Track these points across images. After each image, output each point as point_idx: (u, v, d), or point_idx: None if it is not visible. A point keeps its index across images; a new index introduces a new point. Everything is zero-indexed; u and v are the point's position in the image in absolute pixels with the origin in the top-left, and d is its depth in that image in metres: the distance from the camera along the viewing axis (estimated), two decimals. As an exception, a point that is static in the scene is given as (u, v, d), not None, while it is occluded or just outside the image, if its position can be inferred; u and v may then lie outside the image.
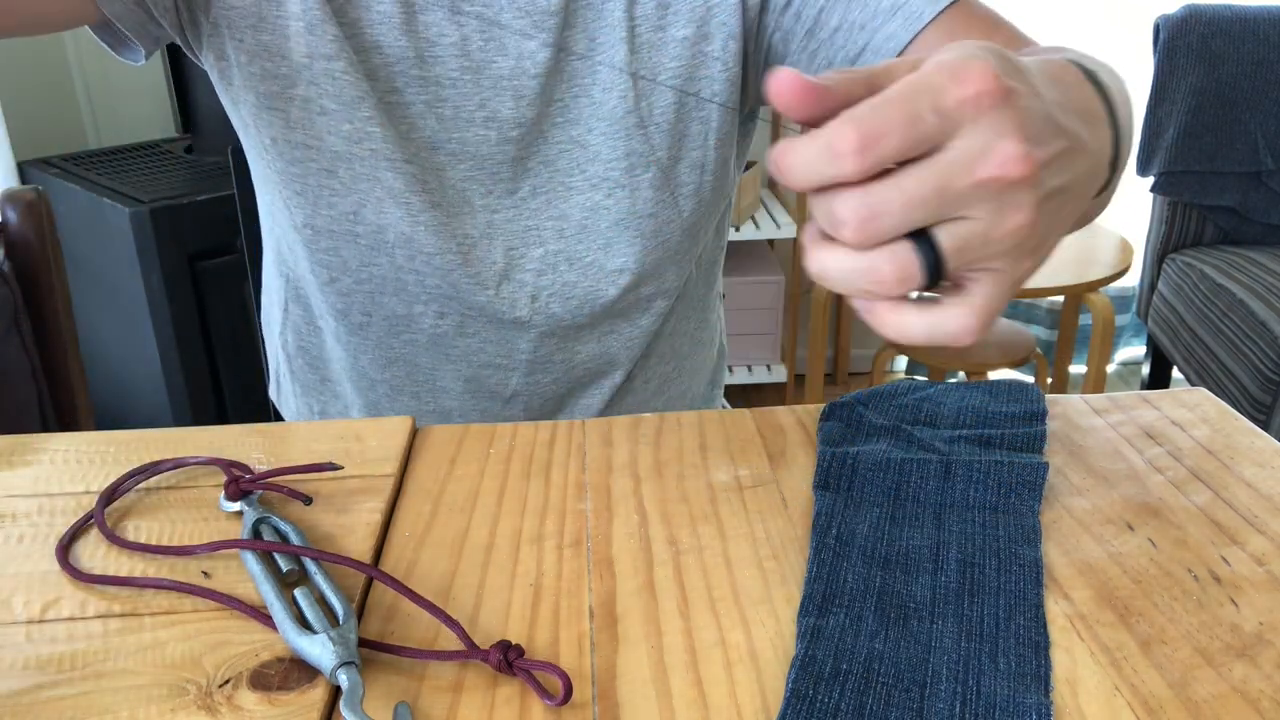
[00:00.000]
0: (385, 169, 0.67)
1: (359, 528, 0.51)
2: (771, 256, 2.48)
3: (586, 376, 0.77)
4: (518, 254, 0.70)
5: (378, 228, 0.69)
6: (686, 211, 0.72)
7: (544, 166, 0.69)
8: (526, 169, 0.69)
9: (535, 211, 0.70)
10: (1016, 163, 0.32)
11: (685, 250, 0.74)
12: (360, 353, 0.76)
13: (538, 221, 0.70)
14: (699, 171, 0.71)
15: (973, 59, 0.33)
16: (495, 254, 0.70)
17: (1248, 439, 0.59)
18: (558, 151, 0.69)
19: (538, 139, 0.68)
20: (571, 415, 0.79)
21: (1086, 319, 2.55)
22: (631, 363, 0.78)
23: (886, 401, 0.61)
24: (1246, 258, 2.07)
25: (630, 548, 0.49)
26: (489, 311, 0.72)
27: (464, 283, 0.71)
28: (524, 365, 0.75)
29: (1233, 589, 0.46)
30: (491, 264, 0.70)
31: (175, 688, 0.40)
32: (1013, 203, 0.33)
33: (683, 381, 0.85)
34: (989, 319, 0.35)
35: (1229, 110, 2.09)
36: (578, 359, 0.76)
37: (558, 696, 0.39)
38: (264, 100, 0.66)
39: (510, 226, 0.70)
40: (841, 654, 0.41)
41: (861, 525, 0.50)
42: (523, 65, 0.66)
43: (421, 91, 0.66)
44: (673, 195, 0.71)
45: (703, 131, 0.70)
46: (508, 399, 0.77)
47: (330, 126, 0.66)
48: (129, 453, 0.58)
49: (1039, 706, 0.38)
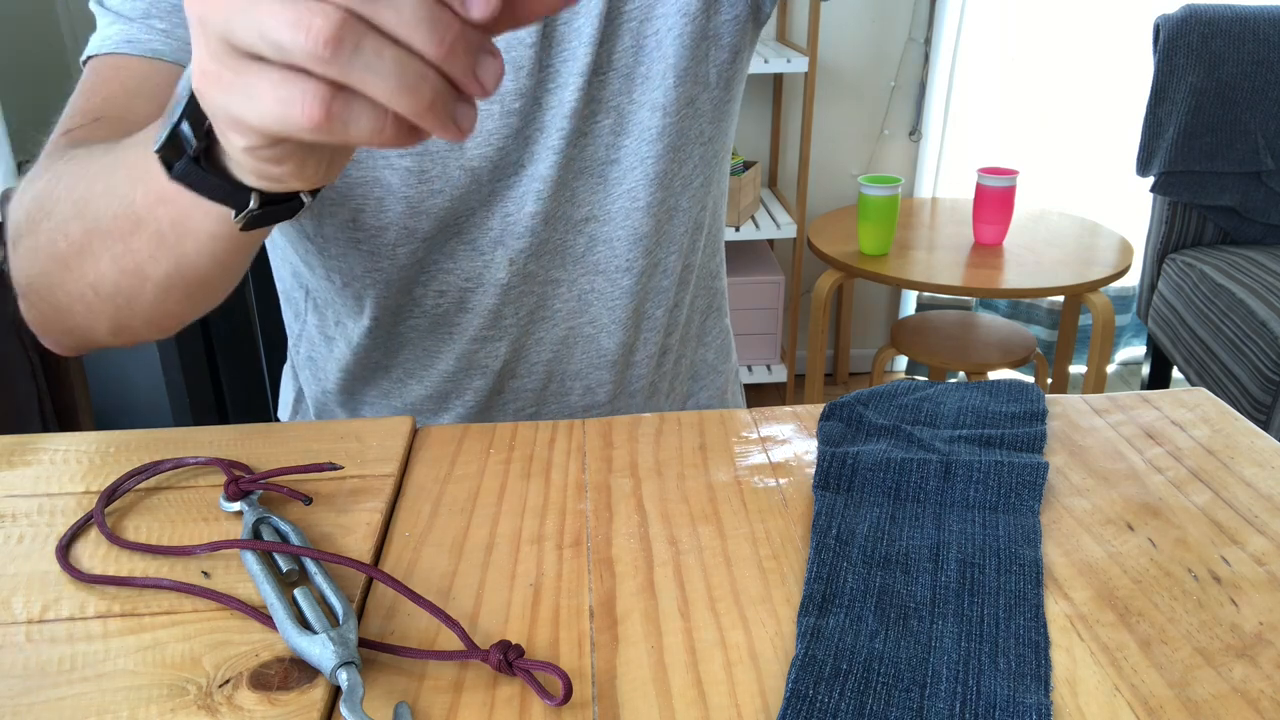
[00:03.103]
0: (384, 166, 0.67)
1: (359, 528, 0.51)
2: (771, 256, 2.48)
3: (572, 338, 0.77)
4: (511, 219, 0.71)
5: (379, 228, 0.69)
6: (654, 157, 0.72)
7: (539, 133, 0.69)
8: (525, 138, 0.69)
9: (531, 178, 0.70)
10: None
11: (659, 199, 0.74)
12: (372, 350, 0.77)
13: (529, 186, 0.71)
14: (660, 113, 0.71)
15: None
16: (493, 221, 0.71)
17: (1248, 439, 0.59)
18: (550, 117, 0.69)
19: (534, 106, 0.69)
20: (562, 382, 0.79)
21: (1086, 319, 2.55)
22: (622, 330, 0.77)
23: (886, 401, 0.61)
24: (1246, 258, 2.07)
25: (630, 548, 0.49)
26: (482, 277, 0.73)
27: (461, 250, 0.72)
28: (511, 329, 0.75)
29: (1233, 589, 0.46)
30: (488, 230, 0.71)
31: (175, 688, 0.40)
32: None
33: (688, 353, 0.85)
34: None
35: (1229, 110, 2.09)
36: (559, 316, 0.76)
37: (558, 696, 0.39)
38: None
39: (509, 193, 0.71)
40: (841, 654, 0.41)
41: (861, 525, 0.50)
42: (518, 35, 0.66)
43: None
44: (636, 140, 0.71)
45: (661, 70, 0.70)
46: (499, 372, 0.77)
47: None
48: (129, 453, 0.58)
49: (1039, 706, 0.38)
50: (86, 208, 0.53)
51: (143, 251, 0.51)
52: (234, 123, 0.37)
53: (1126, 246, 2.13)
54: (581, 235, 0.73)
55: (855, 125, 2.53)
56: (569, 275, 0.75)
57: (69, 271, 0.55)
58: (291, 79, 0.34)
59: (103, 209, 0.52)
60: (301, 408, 0.88)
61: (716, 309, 0.89)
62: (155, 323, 0.57)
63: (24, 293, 0.60)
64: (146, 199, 0.49)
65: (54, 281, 0.56)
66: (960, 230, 2.26)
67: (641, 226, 0.74)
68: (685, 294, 0.82)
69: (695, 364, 0.88)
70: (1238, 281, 1.97)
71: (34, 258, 0.57)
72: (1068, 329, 2.34)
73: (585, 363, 0.78)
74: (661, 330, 0.80)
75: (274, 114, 0.35)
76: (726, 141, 0.79)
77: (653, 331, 0.80)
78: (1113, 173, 2.53)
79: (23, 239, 0.57)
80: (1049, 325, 2.64)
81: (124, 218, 0.51)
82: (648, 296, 0.78)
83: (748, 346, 2.43)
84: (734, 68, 0.74)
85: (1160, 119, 2.13)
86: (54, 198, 0.55)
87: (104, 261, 0.53)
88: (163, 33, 0.63)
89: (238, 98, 0.35)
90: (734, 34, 0.72)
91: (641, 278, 0.76)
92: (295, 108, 0.34)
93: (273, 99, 0.34)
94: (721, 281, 0.89)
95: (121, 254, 0.52)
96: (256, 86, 0.35)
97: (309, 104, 0.34)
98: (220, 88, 0.36)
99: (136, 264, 0.52)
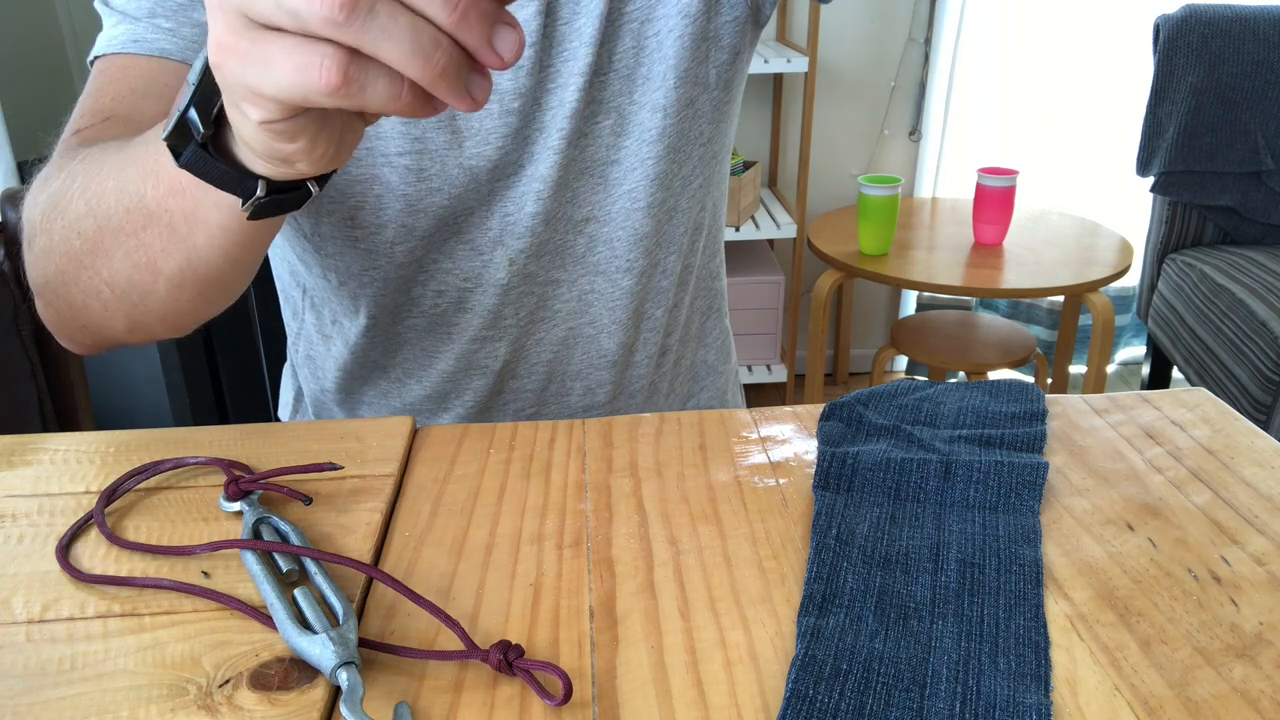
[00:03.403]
0: (383, 164, 0.67)
1: (359, 528, 0.51)
2: (771, 256, 2.48)
3: (572, 338, 0.77)
4: (511, 219, 0.71)
5: (377, 226, 0.69)
6: (655, 158, 0.72)
7: (539, 133, 0.70)
8: (525, 138, 0.69)
9: (531, 178, 0.71)
10: None
11: (659, 200, 0.74)
12: (369, 350, 0.77)
13: (529, 187, 0.71)
14: (660, 114, 0.71)
15: None
16: (492, 221, 0.71)
17: (1248, 439, 0.59)
18: (550, 118, 0.69)
19: (534, 106, 0.69)
20: (571, 392, 0.79)
21: (1086, 319, 2.55)
22: (622, 330, 0.78)
23: (886, 401, 0.61)
24: (1246, 258, 2.07)
25: (630, 548, 0.49)
26: (482, 278, 0.73)
27: (460, 249, 0.72)
28: (511, 329, 0.75)
29: (1233, 589, 0.46)
30: (487, 230, 0.72)
31: (175, 688, 0.40)
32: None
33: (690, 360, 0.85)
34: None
35: (1229, 110, 2.09)
36: (559, 317, 0.76)
37: (558, 696, 0.39)
38: None
39: (508, 193, 0.71)
40: (841, 654, 0.41)
41: (861, 525, 0.50)
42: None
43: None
44: (636, 140, 0.71)
45: (662, 72, 0.70)
46: (499, 372, 0.77)
47: None
48: (129, 453, 0.58)
49: (1039, 706, 0.38)
50: (99, 204, 0.53)
51: (154, 245, 0.52)
52: (251, 95, 0.38)
53: (1126, 246, 2.13)
54: (582, 236, 0.73)
55: (855, 125, 2.54)
56: (569, 275, 0.75)
57: (83, 269, 0.56)
58: (308, 45, 0.35)
59: (114, 205, 0.52)
60: (301, 407, 0.88)
61: (716, 310, 0.89)
62: (169, 320, 0.58)
63: (40, 291, 0.60)
64: (157, 192, 0.50)
65: (69, 279, 0.57)
66: (960, 230, 2.26)
67: (642, 227, 0.74)
68: (685, 294, 0.82)
69: (695, 365, 0.88)
70: (1238, 281, 1.97)
71: (49, 257, 0.57)
72: (1068, 329, 2.34)
73: (585, 363, 0.78)
74: (661, 331, 0.80)
75: (291, 81, 0.36)
76: (726, 142, 0.79)
77: (653, 332, 0.80)
78: (1113, 173, 2.53)
79: (37, 238, 0.58)
80: (1049, 325, 2.64)
81: (136, 212, 0.51)
82: (648, 297, 0.78)
83: (748, 346, 2.43)
84: (734, 69, 0.74)
85: (1160, 119, 2.13)
86: (68, 196, 0.56)
87: (117, 257, 0.54)
88: (169, 32, 0.63)
89: (255, 68, 0.36)
90: (734, 35, 0.72)
91: (641, 278, 0.76)
92: (313, 73, 0.35)
93: (290, 66, 0.35)
94: (721, 282, 0.89)
95: (134, 249, 0.53)
96: (274, 55, 0.36)
97: (326, 68, 0.35)
98: (237, 58, 0.37)
99: (149, 258, 0.53)
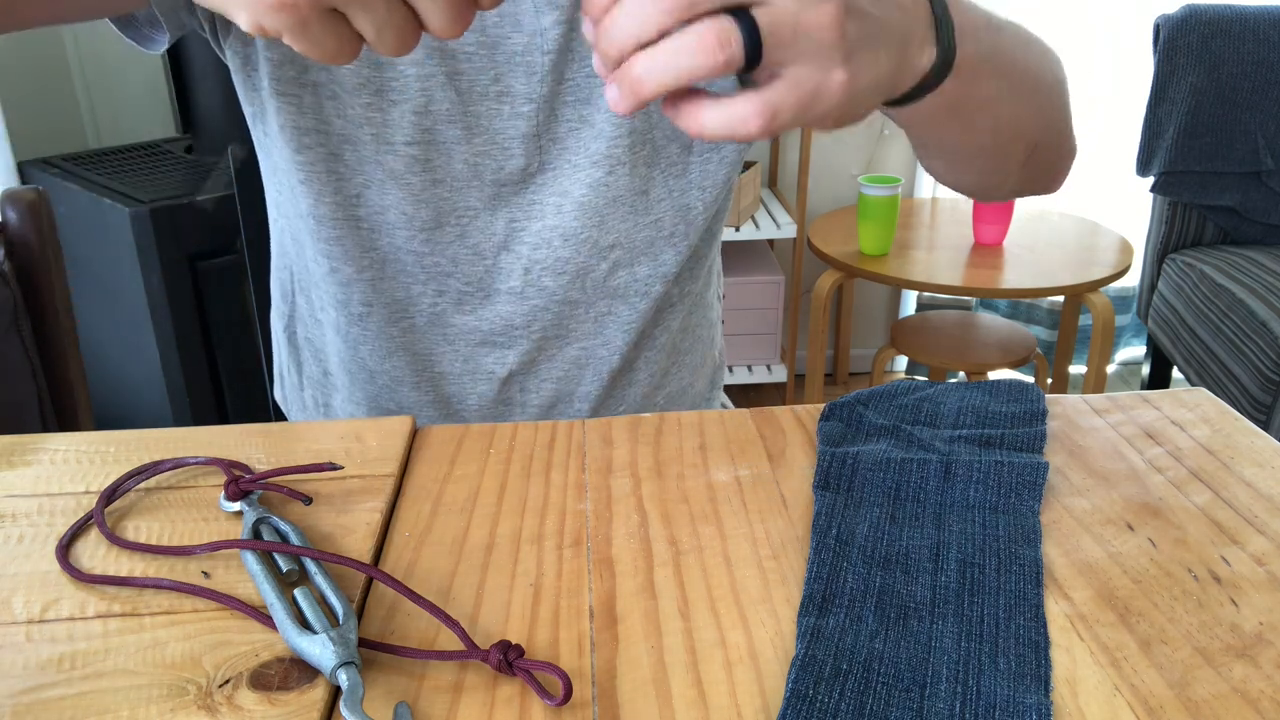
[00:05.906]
0: (387, 151, 0.68)
1: (359, 528, 0.51)
2: (771, 256, 2.48)
3: (584, 358, 0.78)
4: (518, 225, 0.72)
5: (380, 208, 0.70)
6: (681, 190, 0.73)
7: (553, 144, 0.70)
8: (538, 145, 0.70)
9: (540, 186, 0.71)
10: None
11: (682, 231, 0.75)
12: (360, 344, 0.77)
13: (541, 196, 0.71)
14: (688, 151, 0.72)
15: None
16: (497, 225, 0.72)
17: (1248, 439, 0.59)
18: (567, 129, 0.70)
19: (549, 116, 0.69)
20: (570, 404, 0.79)
21: (1086, 319, 2.55)
22: (631, 349, 0.78)
23: (886, 401, 0.61)
24: (1246, 258, 2.07)
25: (630, 548, 0.49)
26: (485, 283, 0.73)
27: (462, 253, 0.72)
28: (521, 340, 0.75)
29: (1233, 589, 0.46)
30: (492, 235, 0.72)
31: (175, 688, 0.40)
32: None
33: (683, 377, 0.86)
34: (773, 114, 0.39)
35: (1229, 110, 2.09)
36: (574, 336, 0.76)
37: (558, 696, 0.39)
38: (278, 86, 0.68)
39: (515, 199, 0.71)
40: (841, 654, 0.41)
41: (861, 525, 0.50)
42: (536, 42, 0.67)
43: (439, 65, 0.67)
44: (664, 173, 0.72)
45: None
46: (505, 379, 0.77)
47: (338, 110, 0.68)
48: (129, 453, 0.58)
49: (1039, 706, 0.38)
50: None
51: None
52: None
53: (1126, 246, 2.13)
54: (605, 260, 0.74)
55: (855, 125, 2.53)
56: (587, 298, 0.75)
57: None
58: None
59: None
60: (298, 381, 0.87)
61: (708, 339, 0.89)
62: None
63: None
64: None
65: None
66: (960, 230, 2.26)
67: (661, 254, 0.75)
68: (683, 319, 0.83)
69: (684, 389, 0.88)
70: (1238, 281, 1.97)
71: None
72: (1068, 329, 2.34)
73: (596, 384, 0.79)
74: (665, 352, 0.82)
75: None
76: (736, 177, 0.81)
77: (656, 351, 0.81)
78: (1113, 173, 2.52)
79: None
80: (1049, 325, 2.64)
81: None
82: (658, 322, 0.79)
83: (747, 346, 2.43)
84: None
85: (1160, 119, 2.13)
86: None
87: None
88: None
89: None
90: None
91: (655, 303, 0.77)
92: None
93: None
94: (716, 312, 0.90)
95: None
96: None
97: None
98: None
99: None
